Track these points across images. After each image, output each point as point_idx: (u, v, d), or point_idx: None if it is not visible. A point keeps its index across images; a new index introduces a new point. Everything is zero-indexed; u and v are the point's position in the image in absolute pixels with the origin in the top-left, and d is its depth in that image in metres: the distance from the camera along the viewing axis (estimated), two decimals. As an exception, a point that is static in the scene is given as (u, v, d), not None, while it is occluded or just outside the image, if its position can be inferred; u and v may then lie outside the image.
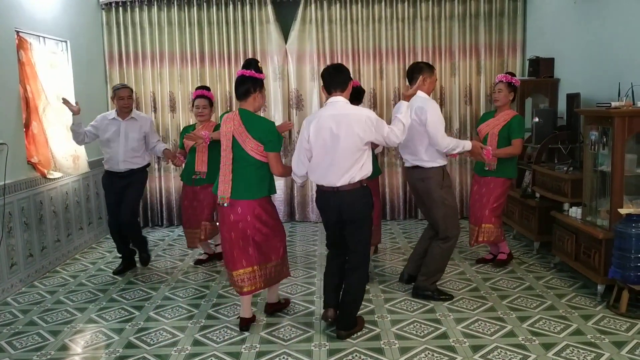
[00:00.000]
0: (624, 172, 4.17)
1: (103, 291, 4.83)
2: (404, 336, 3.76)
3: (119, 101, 5.13)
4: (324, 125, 3.60)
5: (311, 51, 7.07)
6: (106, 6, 6.98)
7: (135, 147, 5.16)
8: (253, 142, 3.69)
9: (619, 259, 3.96)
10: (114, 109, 5.24)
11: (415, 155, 4.28)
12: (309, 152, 3.69)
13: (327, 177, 3.63)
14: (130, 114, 5.18)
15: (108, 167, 5.20)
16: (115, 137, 5.11)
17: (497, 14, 7.04)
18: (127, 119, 5.16)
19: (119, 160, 5.13)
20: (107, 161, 5.18)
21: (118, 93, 5.14)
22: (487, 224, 5.04)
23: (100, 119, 5.21)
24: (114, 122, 5.15)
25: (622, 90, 4.53)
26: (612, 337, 3.66)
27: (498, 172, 4.99)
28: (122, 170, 5.15)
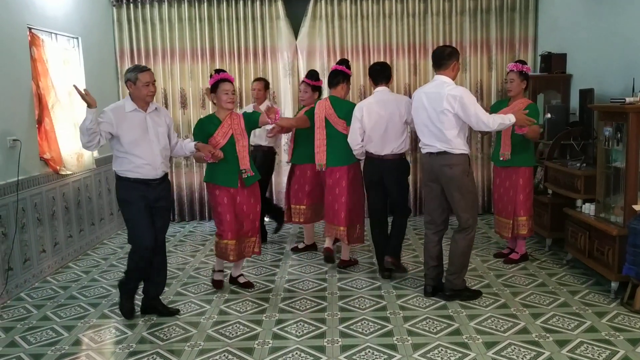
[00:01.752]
0: (638, 168, 4.14)
1: (115, 287, 4.83)
2: (416, 332, 3.75)
3: (143, 88, 3.91)
4: (373, 109, 4.70)
5: (321, 47, 7.06)
6: (117, 3, 6.99)
7: (166, 146, 4.13)
8: (340, 120, 4.89)
9: (633, 256, 3.93)
10: (125, 99, 4.11)
11: (444, 141, 4.13)
12: (361, 129, 4.73)
13: (377, 146, 4.73)
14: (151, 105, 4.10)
15: (138, 175, 3.96)
16: (144, 135, 3.95)
17: (509, 8, 6.99)
18: (150, 110, 4.04)
19: (157, 164, 4.00)
20: (137, 167, 3.94)
21: (141, 77, 3.91)
22: (522, 217, 5.01)
23: (114, 113, 3.92)
24: (135, 116, 3.96)
25: (636, 85, 4.50)
26: (626, 334, 3.63)
27: (517, 162, 4.94)
28: (159, 177, 4.06)
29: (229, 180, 4.38)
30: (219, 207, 4.42)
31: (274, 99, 7.10)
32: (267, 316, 4.12)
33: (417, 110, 4.27)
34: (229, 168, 4.36)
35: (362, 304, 4.28)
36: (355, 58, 7.01)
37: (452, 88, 4.11)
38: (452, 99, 4.04)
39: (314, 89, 5.43)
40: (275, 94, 7.11)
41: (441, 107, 4.06)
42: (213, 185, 4.43)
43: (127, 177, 3.97)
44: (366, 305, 4.26)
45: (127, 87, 3.98)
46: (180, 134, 7.17)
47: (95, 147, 3.90)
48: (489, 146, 7.04)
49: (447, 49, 4.25)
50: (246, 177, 4.38)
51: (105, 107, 3.99)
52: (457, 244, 4.27)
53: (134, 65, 4.09)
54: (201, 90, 7.11)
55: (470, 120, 4.07)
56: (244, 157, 4.36)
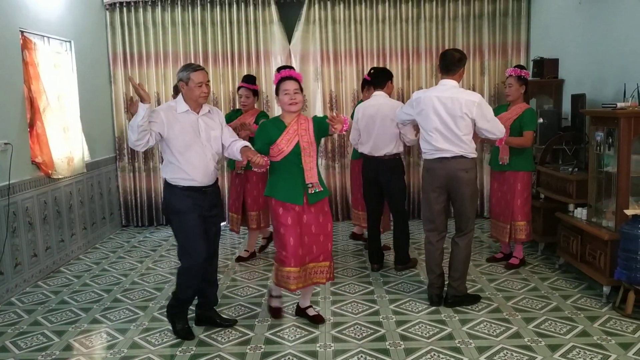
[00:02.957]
0: (630, 172, 4.16)
1: (107, 291, 4.83)
2: (409, 337, 3.75)
3: (196, 88, 3.64)
4: (367, 112, 4.99)
5: (315, 51, 7.07)
6: (110, 6, 6.98)
7: (219, 150, 3.85)
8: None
9: (624, 260, 3.94)
10: (175, 100, 3.83)
11: (460, 146, 4.11)
12: (357, 130, 5.08)
13: (369, 148, 4.99)
14: (204, 107, 3.80)
15: (190, 182, 3.69)
16: (195, 138, 3.69)
17: (501, 14, 7.03)
18: (202, 113, 3.77)
19: (209, 169, 3.75)
20: (188, 173, 3.68)
21: (194, 77, 3.64)
22: (521, 222, 5.02)
23: (165, 113, 3.67)
24: (187, 118, 3.69)
25: (627, 90, 4.52)
26: (618, 338, 3.65)
27: (515, 166, 4.95)
28: (211, 183, 3.81)
29: (292, 195, 3.75)
30: (282, 228, 3.77)
31: (267, 103, 7.10)
32: (260, 321, 4.10)
33: (428, 115, 4.16)
34: (292, 181, 3.75)
35: (355, 309, 4.28)
36: (348, 63, 7.02)
37: (470, 93, 4.17)
38: (471, 104, 4.05)
39: (254, 93, 5.41)
40: (269, 98, 7.11)
41: (460, 111, 4.05)
42: (275, 201, 3.79)
43: (178, 184, 3.68)
44: (359, 310, 4.25)
45: (180, 88, 3.71)
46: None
47: (144, 147, 3.59)
48: (482, 150, 7.06)
49: (457, 55, 4.24)
50: (312, 193, 3.76)
51: (157, 107, 3.84)
52: (461, 249, 4.24)
53: (187, 64, 3.80)
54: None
55: (486, 126, 4.10)
56: (310, 169, 3.75)
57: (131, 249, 6.19)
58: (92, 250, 6.16)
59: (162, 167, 3.80)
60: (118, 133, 7.12)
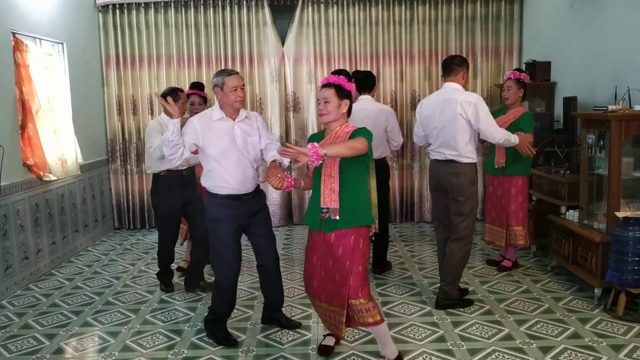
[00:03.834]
0: (620, 175, 4.18)
1: (99, 294, 4.81)
2: (401, 339, 3.75)
3: (231, 93, 3.56)
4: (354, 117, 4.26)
5: (308, 54, 7.07)
6: (103, 8, 6.96)
7: (257, 157, 3.72)
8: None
9: (616, 262, 3.96)
10: (213, 107, 3.74)
11: (453, 149, 4.12)
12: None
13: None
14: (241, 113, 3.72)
15: (229, 190, 3.61)
16: (231, 146, 3.59)
17: (494, 17, 7.05)
18: (239, 119, 3.69)
19: (247, 177, 3.65)
20: (226, 181, 3.60)
21: (228, 81, 3.57)
22: (517, 227, 5.00)
23: (199, 122, 3.62)
24: (222, 125, 3.61)
25: (618, 93, 4.55)
26: (609, 340, 3.66)
27: (511, 171, 4.94)
28: (250, 191, 3.69)
29: (311, 219, 3.34)
30: (306, 252, 3.50)
31: (260, 105, 7.09)
32: (252, 324, 4.09)
33: (431, 118, 4.21)
34: (314, 202, 3.30)
35: (348, 311, 4.27)
36: (342, 65, 7.01)
37: (468, 94, 4.16)
38: (466, 105, 4.05)
39: (205, 101, 5.34)
40: (262, 100, 7.10)
41: (454, 112, 4.05)
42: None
43: (218, 193, 3.62)
44: (351, 312, 4.25)
45: (215, 94, 3.63)
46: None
47: (179, 159, 3.57)
48: (478, 155, 7.07)
49: (457, 58, 4.29)
50: (325, 219, 3.22)
51: (191, 118, 3.74)
52: (454, 254, 4.21)
53: (221, 70, 3.75)
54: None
55: (480, 128, 4.09)
56: (330, 192, 3.19)
57: (123, 252, 6.17)
58: (84, 252, 6.13)
59: (202, 175, 3.72)
60: (110, 135, 7.10)
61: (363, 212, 3.24)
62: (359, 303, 3.22)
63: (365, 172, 3.29)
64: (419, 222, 7.22)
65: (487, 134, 4.13)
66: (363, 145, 3.08)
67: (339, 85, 3.24)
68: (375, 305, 3.29)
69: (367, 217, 3.27)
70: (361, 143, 3.08)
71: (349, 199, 3.18)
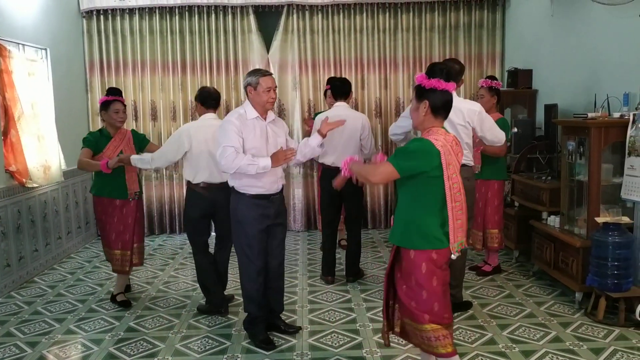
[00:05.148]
0: (600, 181, 4.25)
1: (82, 301, 4.77)
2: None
3: (264, 93, 3.59)
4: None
5: (293, 61, 7.10)
6: (87, 14, 6.94)
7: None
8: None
9: (596, 267, 4.02)
10: (243, 105, 3.73)
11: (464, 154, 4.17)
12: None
13: (332, 159, 4.85)
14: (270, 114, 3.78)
15: (259, 190, 3.66)
16: (264, 145, 3.66)
17: (477, 25, 7.14)
18: (269, 119, 3.74)
19: (278, 176, 3.74)
20: (258, 181, 3.64)
21: (263, 82, 3.59)
22: (493, 230, 5.08)
23: (239, 121, 3.61)
24: (257, 124, 3.66)
25: (598, 101, 4.63)
26: (590, 344, 3.71)
27: (487, 175, 5.01)
28: (279, 191, 3.81)
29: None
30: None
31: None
32: (237, 330, 4.09)
33: None
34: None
35: (332, 317, 4.29)
36: (326, 72, 7.06)
37: (470, 102, 4.22)
38: (472, 113, 4.10)
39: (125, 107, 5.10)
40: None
41: (463, 120, 4.08)
42: None
43: (247, 192, 3.65)
44: (336, 318, 4.26)
45: (247, 92, 3.65)
46: (150, 147, 7.10)
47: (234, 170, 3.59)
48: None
49: (457, 67, 4.28)
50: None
51: (228, 117, 3.68)
52: (461, 257, 4.16)
53: (255, 69, 3.78)
54: (171, 103, 7.06)
55: (485, 134, 4.16)
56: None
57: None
58: (66, 259, 6.08)
59: (230, 175, 3.71)
60: (94, 141, 7.04)
61: (405, 232, 2.83)
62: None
63: (420, 190, 2.80)
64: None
65: (493, 139, 4.22)
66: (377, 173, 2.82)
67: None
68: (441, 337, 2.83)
69: (408, 239, 2.81)
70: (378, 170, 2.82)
71: (399, 213, 2.92)
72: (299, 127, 7.08)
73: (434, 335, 2.81)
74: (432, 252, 2.77)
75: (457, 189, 2.80)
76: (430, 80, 2.77)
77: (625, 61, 4.46)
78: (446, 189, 2.76)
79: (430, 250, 2.77)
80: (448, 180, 2.76)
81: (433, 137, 2.76)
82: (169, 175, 7.16)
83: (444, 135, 2.80)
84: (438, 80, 2.76)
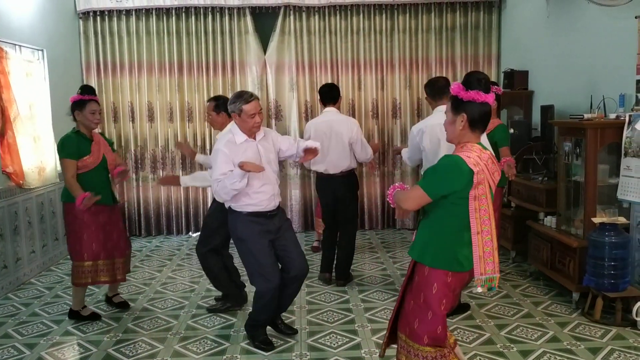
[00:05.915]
0: (597, 182, 4.28)
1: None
2: (384, 345, 3.78)
3: (248, 119, 3.55)
4: (320, 129, 4.87)
5: (290, 62, 7.10)
6: (83, 15, 6.93)
7: (277, 172, 3.82)
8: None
9: (593, 267, 4.05)
10: (230, 129, 3.74)
11: None
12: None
13: (324, 166, 4.88)
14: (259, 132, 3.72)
15: (255, 208, 3.64)
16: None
17: (473, 27, 7.17)
18: (259, 138, 3.69)
19: (275, 193, 3.73)
20: (254, 200, 3.64)
21: (246, 109, 3.53)
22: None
23: (228, 148, 3.57)
24: (248, 147, 3.62)
25: (594, 102, 4.66)
26: (587, 343, 3.73)
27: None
28: (276, 208, 3.76)
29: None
30: None
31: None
32: (235, 331, 4.09)
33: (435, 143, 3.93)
34: None
35: (331, 317, 4.30)
36: (323, 73, 7.07)
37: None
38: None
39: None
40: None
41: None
42: None
43: (243, 211, 3.63)
44: (335, 319, 4.27)
45: (233, 119, 3.64)
46: (146, 148, 7.10)
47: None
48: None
49: (443, 80, 4.19)
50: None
51: (217, 145, 3.64)
52: None
53: (238, 94, 3.62)
54: (169, 104, 7.06)
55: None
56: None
57: (104, 260, 6.11)
58: (63, 261, 6.06)
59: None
60: (91, 142, 7.04)
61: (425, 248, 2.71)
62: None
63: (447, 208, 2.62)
64: (400, 230, 7.28)
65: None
66: (408, 198, 2.65)
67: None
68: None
69: (426, 255, 2.69)
70: (408, 196, 2.66)
71: (422, 228, 2.76)
72: (296, 128, 7.08)
73: (431, 355, 2.71)
74: (449, 274, 2.64)
75: (486, 212, 2.60)
76: (468, 92, 2.57)
77: (621, 62, 4.49)
78: (470, 210, 2.58)
79: (446, 271, 2.64)
80: (474, 200, 2.57)
81: (465, 154, 2.56)
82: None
83: (479, 152, 2.59)
84: (477, 91, 2.56)
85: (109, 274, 4.27)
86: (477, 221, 2.59)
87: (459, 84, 2.64)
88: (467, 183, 2.54)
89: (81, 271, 4.19)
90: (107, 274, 4.26)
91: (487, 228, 2.62)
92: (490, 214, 2.62)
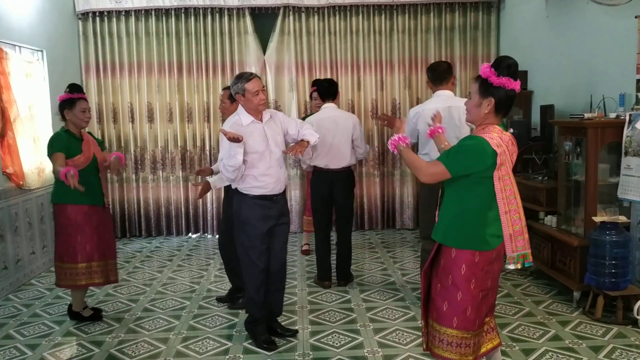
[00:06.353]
0: (597, 181, 4.29)
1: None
2: (387, 344, 3.79)
3: (253, 97, 3.56)
4: (323, 125, 4.77)
5: (289, 62, 7.11)
6: (83, 16, 6.92)
7: (283, 155, 3.81)
8: None
9: (594, 266, 4.06)
10: (237, 112, 3.71)
11: None
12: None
13: (325, 161, 4.84)
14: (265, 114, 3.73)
15: (262, 191, 3.67)
16: (265, 147, 3.65)
17: (472, 27, 7.18)
18: (265, 119, 3.70)
19: (281, 176, 3.75)
20: (261, 182, 3.66)
21: (249, 86, 3.55)
22: None
23: (233, 128, 3.56)
24: (254, 128, 3.63)
25: (594, 101, 4.68)
26: (589, 342, 3.75)
27: None
28: (282, 191, 3.82)
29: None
30: None
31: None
32: (237, 331, 4.09)
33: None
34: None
35: (333, 317, 4.30)
36: (322, 74, 7.07)
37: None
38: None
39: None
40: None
41: (460, 120, 4.05)
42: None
43: (250, 193, 3.66)
44: (336, 319, 4.28)
45: (238, 101, 3.65)
46: (146, 149, 7.10)
47: (241, 173, 3.61)
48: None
49: (445, 64, 4.30)
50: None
51: (224, 126, 3.62)
52: None
53: (239, 75, 3.66)
54: (168, 105, 7.06)
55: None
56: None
57: (104, 261, 6.10)
58: (64, 262, 6.05)
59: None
60: (90, 143, 7.03)
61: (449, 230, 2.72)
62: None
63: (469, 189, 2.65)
64: (400, 229, 7.29)
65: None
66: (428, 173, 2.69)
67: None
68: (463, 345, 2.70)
69: (451, 237, 2.70)
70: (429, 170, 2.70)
71: (444, 210, 2.78)
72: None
73: (456, 341, 2.67)
74: (476, 253, 2.63)
75: (511, 191, 2.65)
76: (500, 79, 2.62)
77: (621, 62, 4.50)
78: (496, 191, 2.61)
79: (473, 250, 2.64)
80: (499, 181, 2.61)
81: (488, 135, 2.60)
82: (165, 177, 7.14)
83: (500, 133, 2.64)
84: (508, 79, 2.60)
85: (102, 276, 4.25)
86: (505, 201, 2.64)
87: (489, 66, 2.67)
88: (490, 164, 2.58)
89: (75, 273, 4.14)
90: (100, 275, 4.24)
91: (514, 207, 2.66)
92: (515, 193, 2.66)
